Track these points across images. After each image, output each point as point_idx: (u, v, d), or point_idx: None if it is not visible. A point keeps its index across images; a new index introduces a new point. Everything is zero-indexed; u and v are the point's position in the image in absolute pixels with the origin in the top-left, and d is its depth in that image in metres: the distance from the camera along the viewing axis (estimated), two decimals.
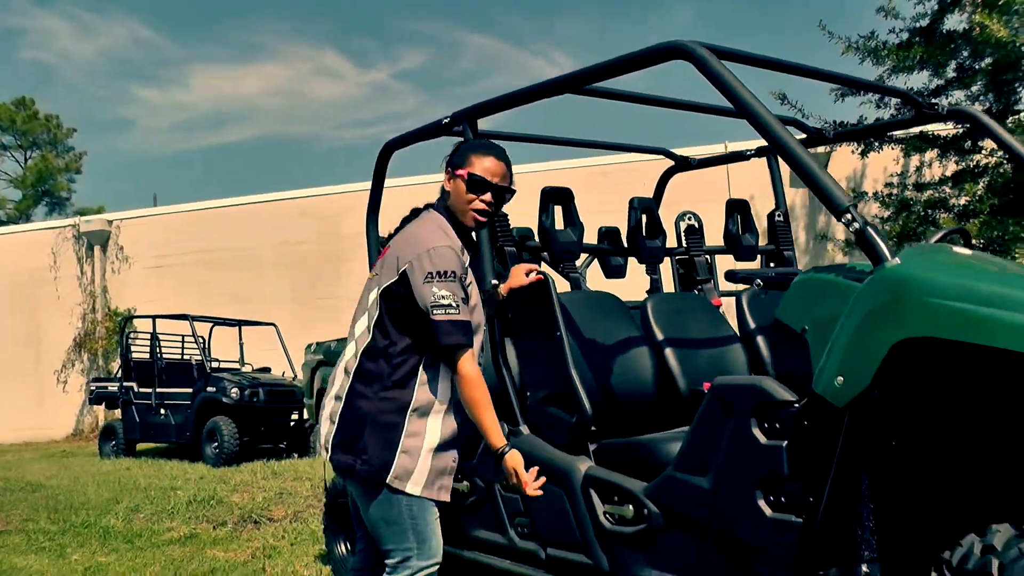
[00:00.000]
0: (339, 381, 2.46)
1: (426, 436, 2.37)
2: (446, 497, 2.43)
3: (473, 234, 2.55)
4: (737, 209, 4.15)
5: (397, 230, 2.57)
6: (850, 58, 12.40)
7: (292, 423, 11.19)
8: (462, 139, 2.82)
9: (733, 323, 3.70)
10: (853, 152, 12.39)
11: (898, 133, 11.29)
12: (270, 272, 16.26)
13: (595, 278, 4.25)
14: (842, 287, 2.18)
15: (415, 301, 2.31)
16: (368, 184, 3.87)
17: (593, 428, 2.89)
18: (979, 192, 9.51)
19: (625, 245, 3.90)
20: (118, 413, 12.31)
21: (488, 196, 2.43)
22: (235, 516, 6.79)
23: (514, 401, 3.05)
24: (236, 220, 16.54)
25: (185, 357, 12.19)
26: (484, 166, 2.42)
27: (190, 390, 10.94)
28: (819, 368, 2.13)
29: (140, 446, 12.23)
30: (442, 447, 2.41)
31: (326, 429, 2.44)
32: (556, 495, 2.85)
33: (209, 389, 10.56)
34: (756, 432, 2.30)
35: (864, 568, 2.12)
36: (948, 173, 10.80)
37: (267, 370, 11.98)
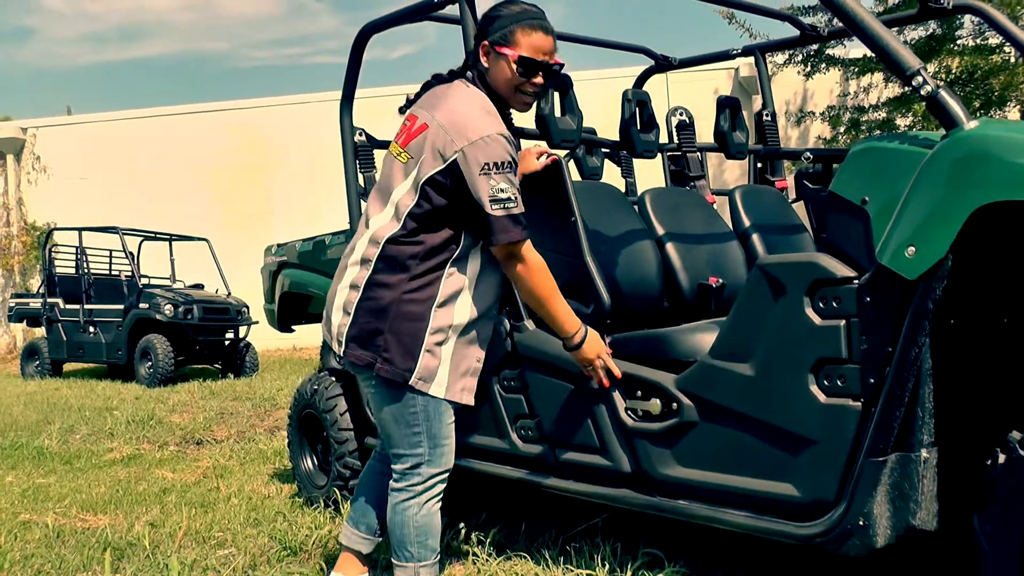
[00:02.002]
0: (353, 271, 2.23)
1: (451, 333, 2.20)
2: (469, 400, 2.28)
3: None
4: (728, 105, 3.95)
5: (418, 95, 2.31)
6: None
7: (227, 342, 10.76)
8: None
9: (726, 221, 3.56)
10: (799, 73, 12.36)
11: (840, 55, 11.35)
12: (197, 186, 15.55)
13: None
14: (910, 153, 2.00)
15: (464, 193, 2.12)
16: (296, 97, 3.52)
17: (608, 321, 2.67)
18: (923, 112, 9.53)
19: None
20: (40, 332, 11.67)
21: (539, 78, 2.22)
22: (176, 437, 6.48)
23: (517, 293, 2.80)
24: (161, 132, 15.74)
25: (113, 273, 11.57)
26: (534, 43, 2.18)
27: (121, 307, 10.41)
28: (884, 240, 1.96)
29: (67, 366, 11.66)
30: (468, 345, 2.25)
31: (338, 320, 2.23)
32: (568, 392, 2.63)
33: (141, 306, 10.05)
34: (810, 312, 2.10)
35: (924, 453, 1.97)
36: (891, 96, 10.86)
37: (200, 287, 11.47)
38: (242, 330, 10.82)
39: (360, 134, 3.54)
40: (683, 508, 2.37)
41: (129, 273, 10.81)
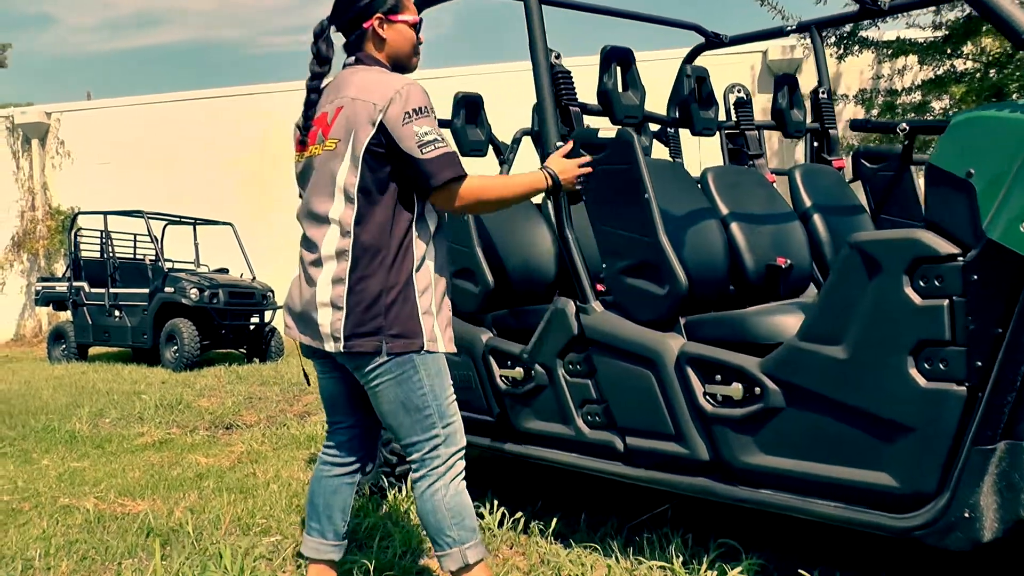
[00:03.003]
0: (331, 266, 2.16)
1: (432, 290, 2.21)
2: (453, 348, 2.28)
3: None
4: (786, 83, 3.81)
5: (313, 100, 2.30)
6: None
7: (252, 327, 10.70)
8: None
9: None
10: (831, 55, 12.14)
11: (874, 37, 11.14)
12: (221, 171, 15.49)
13: None
14: (1021, 123, 1.86)
15: (399, 151, 2.10)
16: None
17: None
18: (961, 94, 9.32)
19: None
20: (65, 316, 11.65)
21: (422, 36, 2.37)
22: (206, 421, 6.42)
23: (582, 274, 2.68)
24: (184, 117, 15.65)
25: (138, 257, 11.52)
26: (412, 6, 2.33)
27: (146, 291, 10.33)
28: (994, 214, 1.83)
29: (92, 350, 11.63)
30: (444, 295, 2.27)
31: (328, 318, 2.15)
32: (641, 377, 2.51)
33: (167, 290, 9.98)
34: (909, 292, 1.97)
35: None
36: (925, 79, 10.65)
37: (225, 271, 11.40)
38: (267, 315, 10.75)
39: None
40: (767, 498, 2.25)
41: (154, 257, 10.74)
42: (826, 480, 2.15)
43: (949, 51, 10.05)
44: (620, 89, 2.99)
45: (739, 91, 3.76)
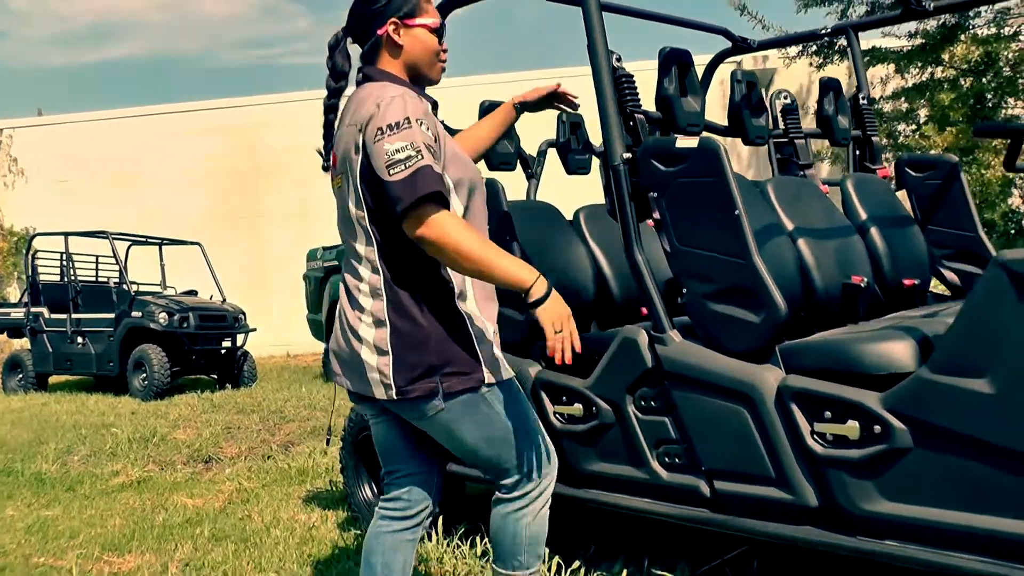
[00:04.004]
0: (367, 303, 1.95)
1: (480, 316, 2.00)
2: (511, 373, 2.06)
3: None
4: (831, 88, 3.58)
5: (331, 120, 2.10)
6: None
7: (224, 351, 10.23)
8: None
9: None
10: (811, 64, 12.10)
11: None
12: (185, 189, 14.98)
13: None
14: None
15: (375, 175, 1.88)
16: (286, 96, 3.08)
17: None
18: (948, 101, 9.28)
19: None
20: (21, 343, 11.04)
21: (444, 43, 2.12)
22: (183, 455, 5.99)
23: (656, 300, 2.38)
24: (145, 132, 15.13)
25: (101, 280, 10.98)
26: (434, 9, 2.09)
27: (111, 316, 9.81)
28: None
29: (53, 379, 11.04)
30: (492, 319, 2.05)
31: (374, 360, 1.93)
32: (733, 414, 2.21)
33: (134, 314, 9.47)
34: None
35: None
36: (906, 87, 10.64)
37: (194, 293, 10.91)
38: (239, 338, 10.29)
39: None
40: (894, 551, 1.97)
41: (118, 280, 10.22)
42: (967, 530, 1.87)
43: (929, 58, 10.04)
44: (680, 95, 2.72)
45: (785, 97, 3.51)
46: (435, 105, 2.08)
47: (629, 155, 2.38)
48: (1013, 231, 9.51)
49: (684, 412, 2.32)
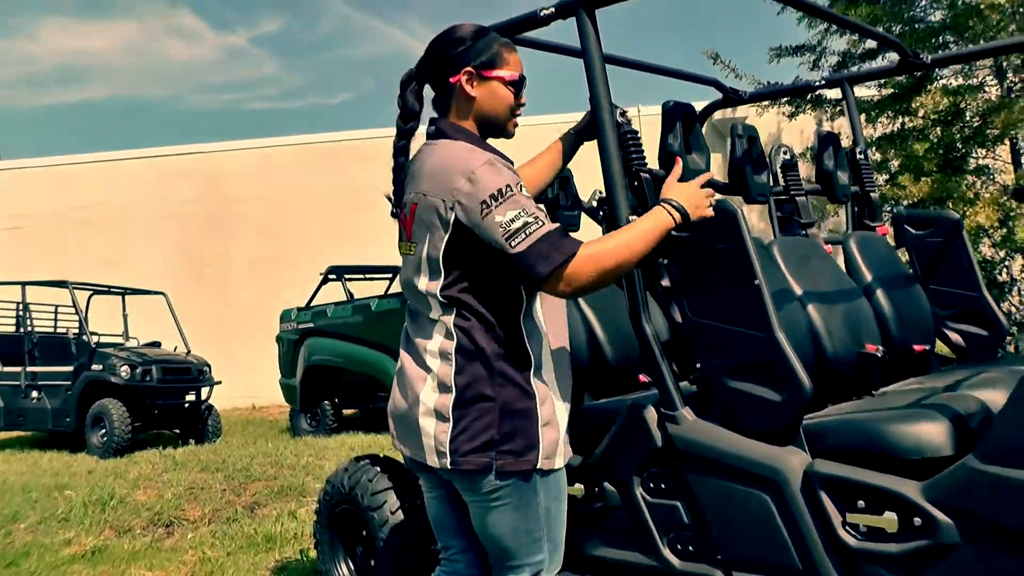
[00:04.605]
0: (434, 364, 1.88)
1: (554, 392, 1.93)
2: (571, 452, 2.00)
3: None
4: (831, 143, 3.47)
5: (401, 164, 1.97)
6: (784, 19, 12.22)
7: (187, 405, 9.87)
8: (450, 35, 1.98)
9: None
10: (783, 113, 12.19)
11: (828, 96, 11.22)
12: (146, 237, 14.65)
13: None
14: None
15: (485, 248, 1.80)
16: (255, 142, 2.91)
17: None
18: (922, 152, 9.34)
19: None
20: None
21: (524, 97, 2.01)
22: (143, 519, 5.66)
23: (667, 377, 2.20)
24: (103, 178, 14.81)
25: (59, 330, 10.58)
26: (517, 61, 1.99)
27: (69, 369, 9.44)
28: None
29: (2, 435, 10.57)
30: (566, 394, 1.98)
31: (432, 427, 1.87)
32: (754, 500, 2.02)
33: (94, 367, 9.12)
34: None
35: None
36: (877, 136, 10.73)
37: (157, 344, 10.56)
38: (204, 391, 9.94)
39: None
40: None
41: (78, 331, 9.85)
42: None
43: (899, 108, 10.15)
44: (685, 151, 2.57)
45: (785, 152, 3.38)
46: (511, 161, 1.99)
47: (635, 218, 2.22)
48: (986, 281, 9.54)
49: (699, 496, 2.13)
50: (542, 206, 1.85)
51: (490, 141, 2.01)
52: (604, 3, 2.31)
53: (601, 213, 3.62)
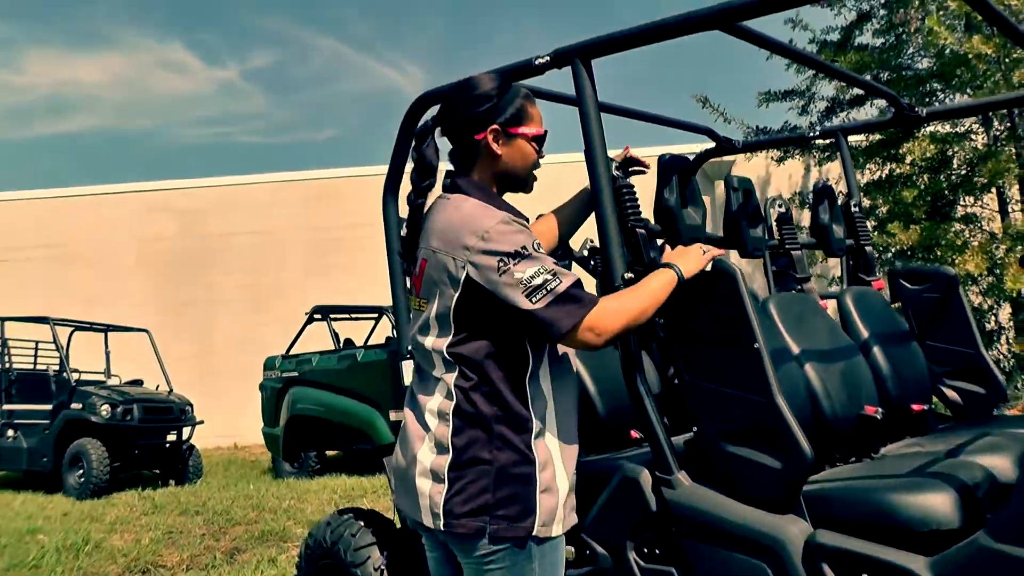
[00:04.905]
0: (432, 423, 1.85)
1: (556, 458, 1.86)
2: (575, 519, 1.92)
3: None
4: (826, 196, 3.43)
5: (416, 220, 1.95)
6: (773, 64, 12.35)
7: (168, 445, 9.69)
8: (471, 88, 1.94)
9: None
10: (771, 158, 12.27)
11: (816, 141, 11.29)
12: (129, 272, 14.53)
13: None
14: None
15: (498, 305, 1.78)
16: (239, 178, 2.84)
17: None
18: (911, 199, 9.38)
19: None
20: None
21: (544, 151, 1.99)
22: (119, 566, 5.52)
23: (662, 439, 2.13)
24: (88, 213, 14.71)
25: (39, 367, 10.41)
26: (539, 114, 1.97)
27: (48, 407, 9.27)
28: None
29: None
30: (570, 460, 1.90)
31: (428, 487, 1.84)
32: (752, 570, 1.95)
33: (74, 406, 8.95)
34: None
35: None
36: (866, 182, 10.79)
37: (139, 382, 10.40)
38: (185, 431, 9.77)
39: None
40: None
41: (58, 368, 9.68)
42: None
43: (887, 154, 10.22)
44: (681, 205, 2.52)
45: (780, 205, 3.34)
46: (526, 218, 1.95)
47: (631, 275, 2.16)
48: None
49: (695, 564, 2.05)
50: (555, 264, 1.79)
51: (508, 195, 1.99)
52: (600, 53, 2.28)
53: (592, 263, 3.57)
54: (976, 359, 3.28)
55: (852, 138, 11.37)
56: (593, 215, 2.28)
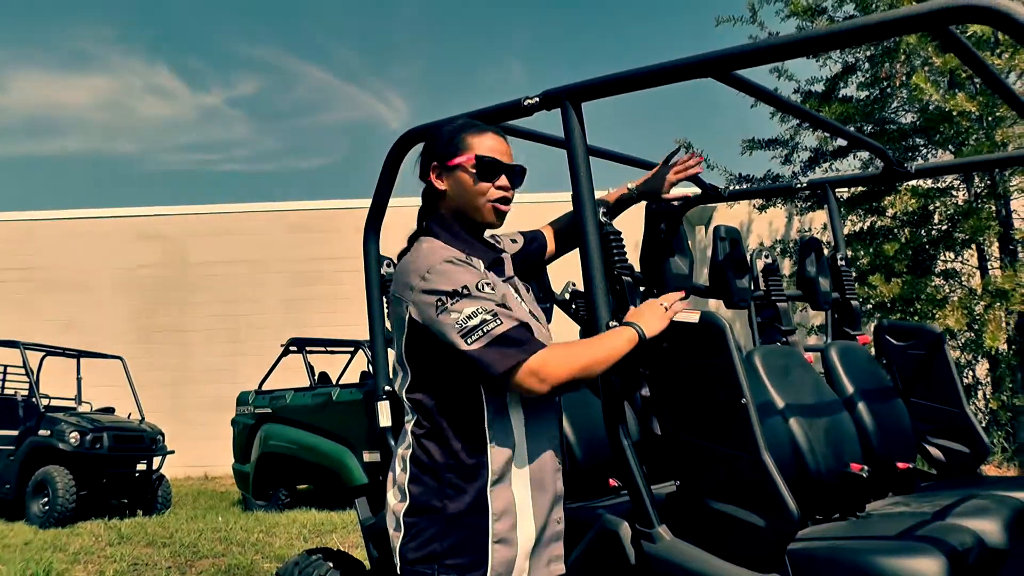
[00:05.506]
0: (397, 468, 1.87)
1: (520, 508, 1.79)
2: (561, 569, 1.88)
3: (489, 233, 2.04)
4: (813, 248, 3.43)
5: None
6: (758, 111, 12.49)
7: (137, 474, 9.48)
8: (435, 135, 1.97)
9: None
10: (753, 206, 12.35)
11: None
12: (106, 298, 14.35)
13: None
14: None
15: (441, 348, 1.74)
16: (218, 207, 2.81)
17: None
18: (892, 252, 9.43)
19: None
20: None
21: (503, 179, 1.90)
22: None
23: (644, 493, 2.07)
24: (66, 237, 14.55)
25: (7, 392, 10.20)
26: (487, 145, 1.90)
27: (14, 433, 9.05)
28: None
29: None
30: (540, 510, 1.82)
31: (392, 529, 1.85)
32: None
33: (42, 433, 8.74)
34: None
35: None
36: (847, 233, 10.85)
37: (110, 410, 10.19)
38: (155, 461, 9.57)
39: (389, 265, 2.85)
40: None
41: (27, 393, 9.48)
42: None
43: (869, 207, 10.29)
44: (668, 255, 2.50)
45: (766, 256, 3.32)
46: (499, 255, 1.94)
47: (616, 323, 2.12)
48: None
49: None
50: (510, 305, 1.74)
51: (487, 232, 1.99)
52: (591, 96, 2.26)
53: (574, 307, 3.53)
54: (960, 418, 3.25)
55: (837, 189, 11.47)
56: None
